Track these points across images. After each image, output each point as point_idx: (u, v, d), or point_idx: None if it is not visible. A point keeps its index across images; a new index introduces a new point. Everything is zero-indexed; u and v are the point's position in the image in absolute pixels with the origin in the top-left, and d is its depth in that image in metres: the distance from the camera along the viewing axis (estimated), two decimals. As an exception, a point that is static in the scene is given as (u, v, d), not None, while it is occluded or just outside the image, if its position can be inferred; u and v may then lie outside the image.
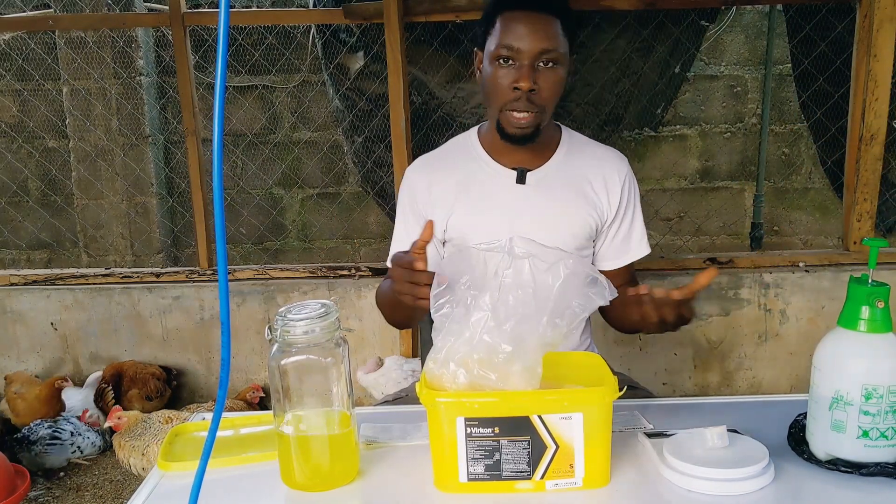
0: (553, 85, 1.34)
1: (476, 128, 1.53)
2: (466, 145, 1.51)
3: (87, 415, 2.69)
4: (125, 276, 2.99)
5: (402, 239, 1.53)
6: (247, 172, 3.94)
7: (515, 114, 1.34)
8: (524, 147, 1.42)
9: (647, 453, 1.06)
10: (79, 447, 2.59)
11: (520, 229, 1.40)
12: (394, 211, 1.58)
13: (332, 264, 2.97)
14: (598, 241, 1.53)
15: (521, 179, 1.44)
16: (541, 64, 1.32)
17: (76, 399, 2.78)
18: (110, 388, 2.78)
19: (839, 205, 3.05)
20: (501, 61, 1.33)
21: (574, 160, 1.48)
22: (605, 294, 0.98)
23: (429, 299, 1.00)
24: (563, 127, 1.52)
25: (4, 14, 3.35)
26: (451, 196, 1.46)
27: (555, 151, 1.47)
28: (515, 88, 1.32)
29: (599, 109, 3.09)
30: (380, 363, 2.69)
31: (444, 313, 1.01)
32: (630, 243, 1.53)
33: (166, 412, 2.49)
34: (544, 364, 1.00)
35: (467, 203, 1.45)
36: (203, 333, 2.96)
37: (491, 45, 1.35)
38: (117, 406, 2.56)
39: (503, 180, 1.45)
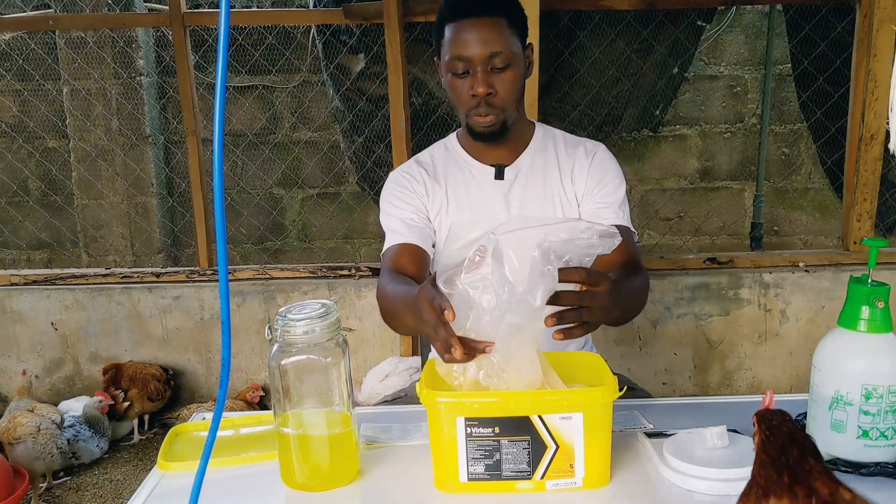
0: (509, 85, 1.36)
1: (454, 133, 1.58)
2: (448, 149, 1.55)
3: (98, 399, 2.69)
4: (125, 276, 2.99)
5: (395, 225, 1.50)
6: (247, 172, 3.94)
7: (479, 118, 1.38)
8: (499, 143, 1.46)
9: (647, 453, 1.06)
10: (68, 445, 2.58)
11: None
12: None
13: (332, 264, 2.97)
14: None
15: (499, 175, 1.49)
16: (494, 67, 1.34)
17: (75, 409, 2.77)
18: (119, 391, 2.78)
19: (839, 205, 3.05)
20: (455, 72, 1.36)
21: (546, 151, 1.51)
22: (610, 244, 0.96)
23: (449, 345, 0.94)
24: (537, 123, 1.56)
25: (4, 14, 3.35)
26: (441, 198, 1.50)
27: (528, 145, 1.51)
28: (473, 96, 1.36)
29: (597, 111, 3.09)
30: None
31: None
32: (604, 208, 1.45)
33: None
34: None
35: (455, 204, 1.49)
36: (203, 333, 2.96)
37: (444, 56, 1.38)
38: None
39: (483, 177, 1.49)
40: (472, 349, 0.94)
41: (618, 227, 1.38)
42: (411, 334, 1.60)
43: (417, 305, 1.00)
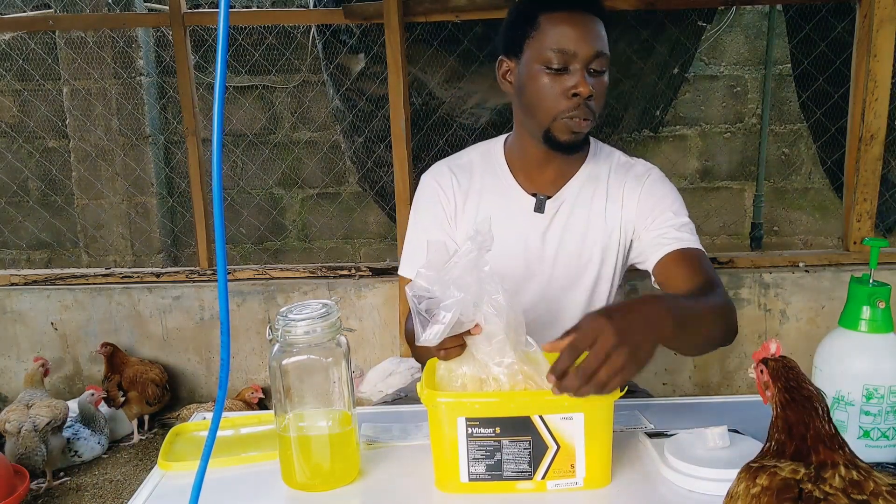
0: (604, 92, 1.27)
1: (502, 138, 1.45)
2: (490, 160, 1.43)
3: (90, 392, 2.70)
4: (125, 276, 2.99)
5: (422, 257, 1.43)
6: (247, 172, 3.94)
7: (574, 121, 1.25)
8: (565, 157, 1.35)
9: (648, 453, 1.06)
10: (76, 451, 2.62)
11: (532, 254, 1.37)
12: (394, 211, 1.55)
13: (332, 264, 2.97)
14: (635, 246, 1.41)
15: (539, 208, 1.37)
16: (593, 69, 1.24)
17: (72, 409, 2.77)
18: (121, 392, 2.79)
19: (839, 205, 3.05)
20: (552, 67, 1.23)
21: (596, 182, 1.39)
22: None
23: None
24: (592, 140, 1.43)
25: (4, 14, 3.35)
26: (473, 213, 1.41)
27: (577, 172, 1.39)
28: (574, 95, 1.22)
29: (597, 111, 3.09)
30: (355, 373, 2.66)
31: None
32: (662, 234, 1.33)
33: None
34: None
35: None
36: (203, 333, 2.96)
37: (536, 49, 1.24)
38: None
39: (522, 207, 1.38)
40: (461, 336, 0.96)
41: (685, 249, 1.30)
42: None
43: None
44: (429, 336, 0.93)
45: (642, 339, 0.89)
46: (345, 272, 2.93)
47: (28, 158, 3.98)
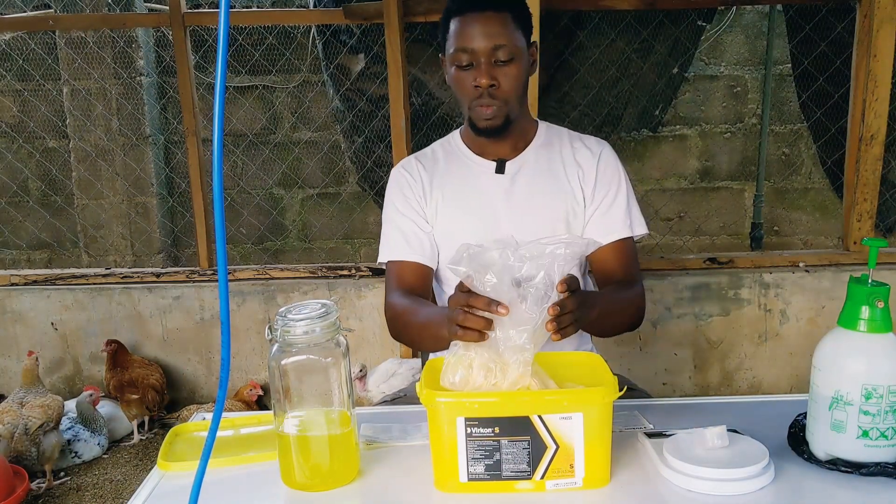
0: (512, 79, 1.38)
1: (458, 129, 1.59)
2: (450, 145, 1.57)
3: (89, 393, 2.70)
4: (125, 276, 2.99)
5: (396, 237, 1.51)
6: (247, 172, 3.94)
7: (481, 108, 1.39)
8: (501, 139, 1.46)
9: (647, 453, 1.06)
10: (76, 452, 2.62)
11: (501, 217, 1.46)
12: None
13: (332, 264, 2.97)
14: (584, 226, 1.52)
15: (500, 169, 1.49)
16: (497, 60, 1.35)
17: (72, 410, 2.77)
18: (134, 387, 2.79)
19: (839, 205, 3.05)
20: (460, 65, 1.38)
21: (551, 148, 1.51)
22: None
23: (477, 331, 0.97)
24: (540, 122, 1.56)
25: (4, 14, 3.35)
26: (439, 191, 1.50)
27: (531, 142, 1.52)
28: (476, 87, 1.37)
29: (597, 111, 3.10)
30: (362, 372, 2.65)
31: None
32: (609, 222, 1.47)
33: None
34: (545, 365, 1.01)
35: (453, 196, 1.50)
36: (203, 333, 2.96)
37: (449, 49, 1.40)
38: None
39: (484, 171, 1.50)
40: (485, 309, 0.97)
41: (624, 240, 1.47)
42: (425, 349, 1.60)
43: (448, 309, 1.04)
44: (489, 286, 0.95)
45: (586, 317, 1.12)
46: (345, 272, 2.93)
47: (28, 158, 3.98)
